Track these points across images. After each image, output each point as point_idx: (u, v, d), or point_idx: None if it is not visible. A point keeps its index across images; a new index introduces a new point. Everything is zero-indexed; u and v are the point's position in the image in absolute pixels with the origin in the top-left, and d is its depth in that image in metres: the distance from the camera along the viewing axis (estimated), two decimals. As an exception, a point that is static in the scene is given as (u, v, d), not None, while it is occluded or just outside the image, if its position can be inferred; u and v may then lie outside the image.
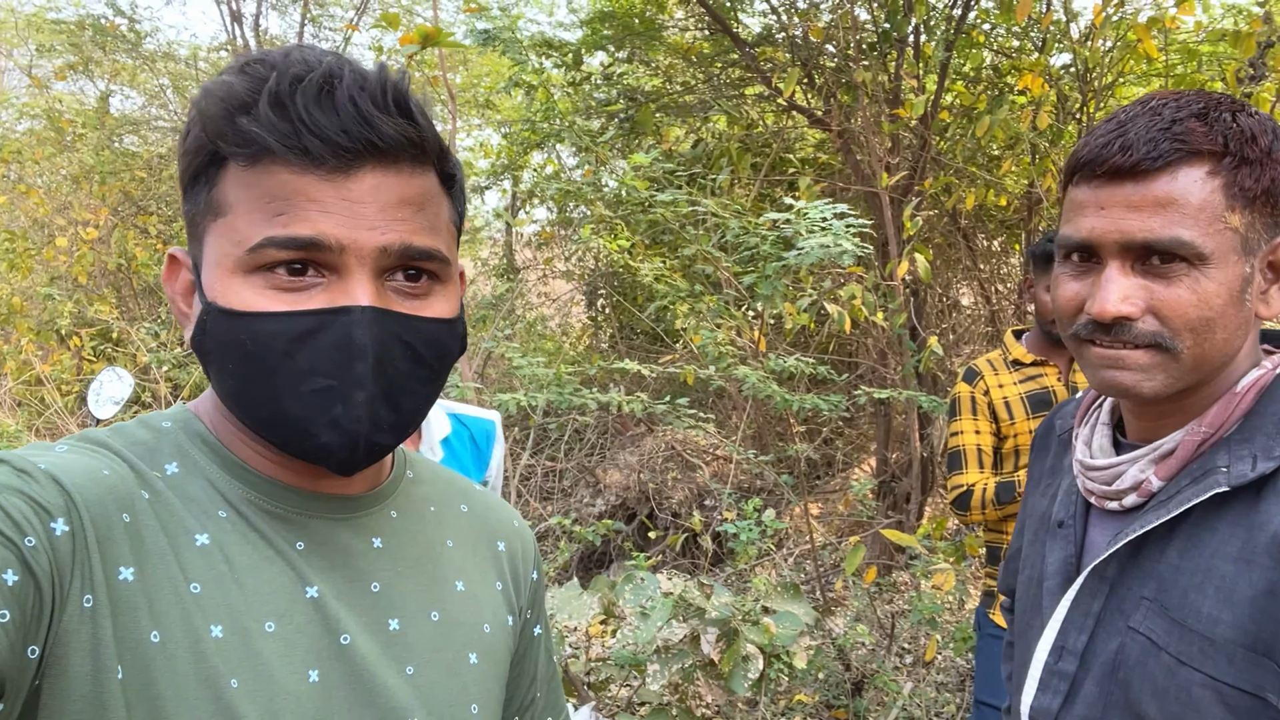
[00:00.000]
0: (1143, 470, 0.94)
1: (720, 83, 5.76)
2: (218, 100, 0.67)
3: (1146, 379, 0.88)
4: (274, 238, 0.66)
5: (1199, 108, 0.87)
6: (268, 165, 0.66)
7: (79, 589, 0.61)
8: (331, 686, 0.71)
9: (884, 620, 3.82)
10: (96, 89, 9.09)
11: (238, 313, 0.67)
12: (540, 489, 5.90)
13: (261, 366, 0.68)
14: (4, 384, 7.18)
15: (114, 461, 0.69)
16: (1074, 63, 4.72)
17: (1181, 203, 0.84)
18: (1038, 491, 1.14)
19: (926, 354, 3.72)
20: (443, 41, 2.52)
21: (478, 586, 0.86)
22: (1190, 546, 0.87)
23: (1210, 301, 0.85)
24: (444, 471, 0.93)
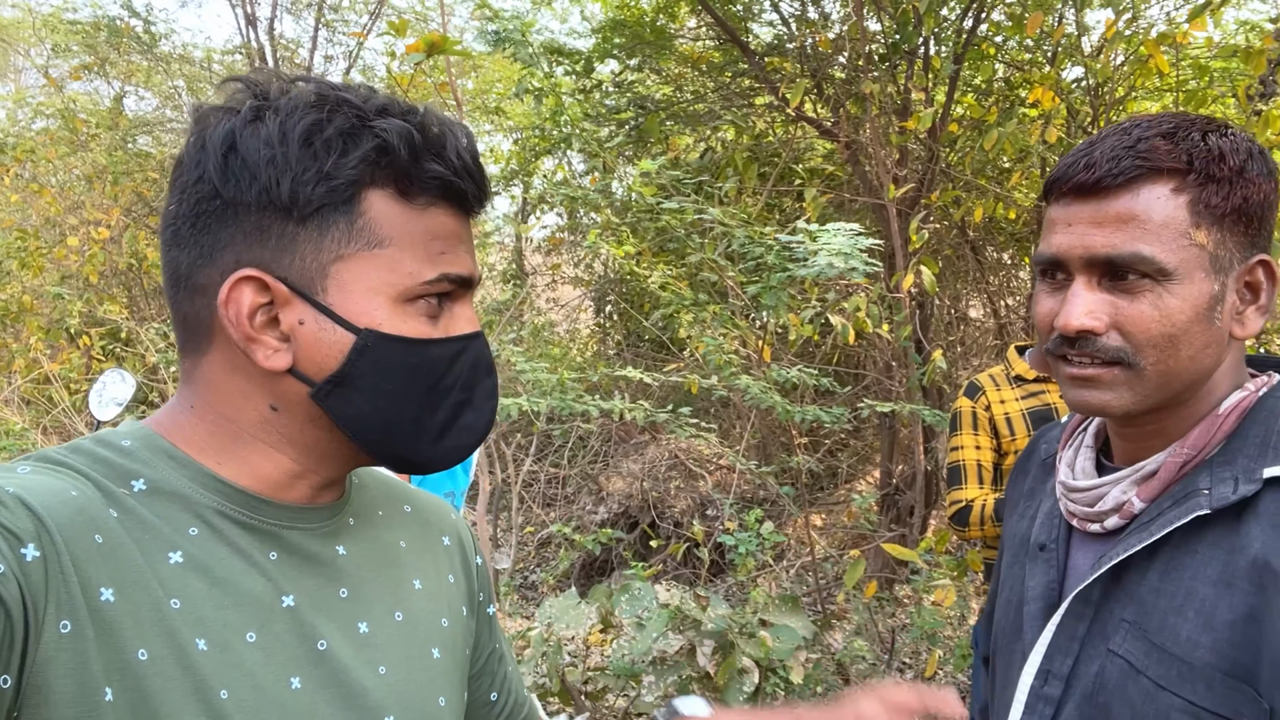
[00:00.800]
0: (1125, 491, 0.94)
1: (730, 92, 5.76)
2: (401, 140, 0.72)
3: (1115, 397, 0.89)
4: (449, 275, 0.75)
5: (1168, 128, 0.88)
6: (427, 206, 0.74)
7: (54, 615, 0.60)
8: (313, 691, 0.73)
9: (884, 635, 3.79)
10: (111, 90, 9.16)
11: (410, 339, 0.74)
12: (543, 495, 5.90)
13: (423, 385, 0.75)
14: (13, 382, 7.22)
15: (79, 481, 0.68)
16: (1085, 76, 4.70)
17: (1143, 219, 0.86)
18: (1015, 514, 1.14)
19: (931, 368, 3.70)
20: (448, 49, 2.53)
21: (433, 583, 0.90)
22: (1171, 569, 0.87)
23: (1173, 318, 0.86)
24: (380, 475, 0.96)
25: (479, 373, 0.79)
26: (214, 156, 0.70)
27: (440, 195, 0.74)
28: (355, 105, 0.72)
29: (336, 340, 0.72)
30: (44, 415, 6.92)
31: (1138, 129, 0.89)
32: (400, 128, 0.72)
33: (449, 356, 0.76)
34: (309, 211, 0.71)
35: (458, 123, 0.76)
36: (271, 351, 0.72)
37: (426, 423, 0.77)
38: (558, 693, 3.11)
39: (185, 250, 0.73)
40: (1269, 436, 0.88)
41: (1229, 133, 0.89)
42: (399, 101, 0.74)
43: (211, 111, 0.72)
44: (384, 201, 0.72)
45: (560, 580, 5.07)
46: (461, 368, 0.77)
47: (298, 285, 0.71)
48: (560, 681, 3.08)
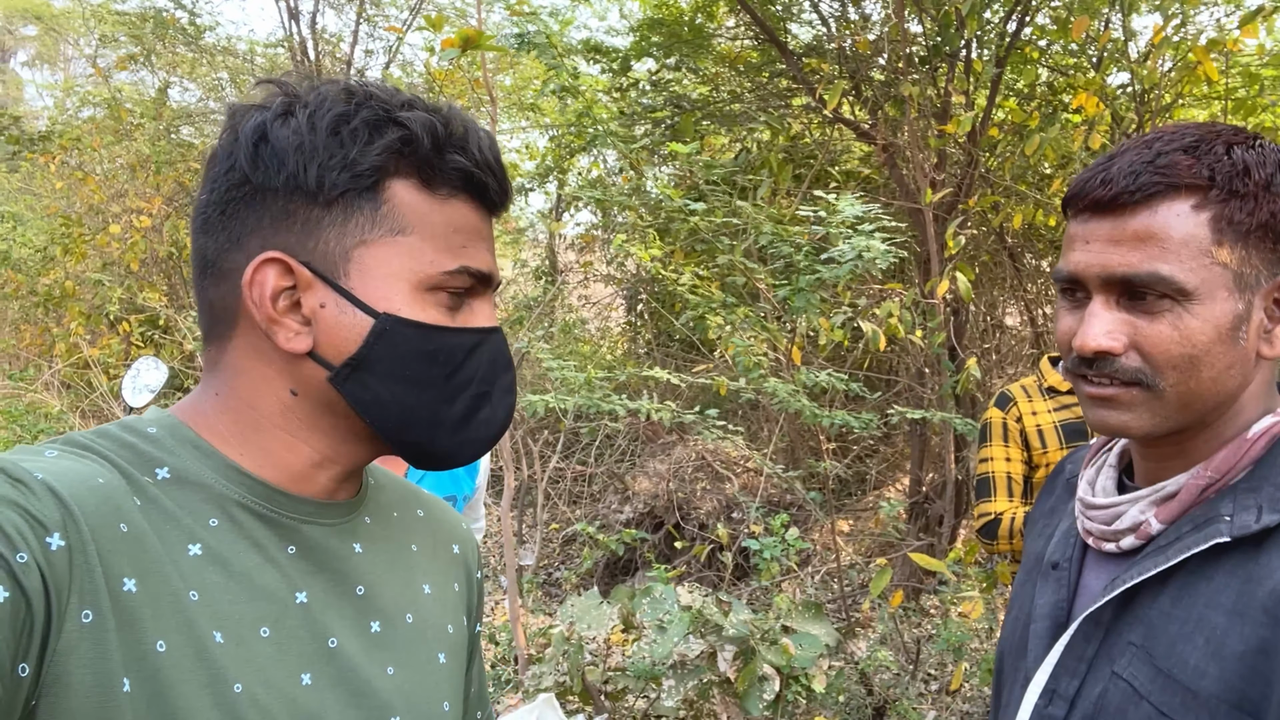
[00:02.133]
0: (1143, 511, 0.91)
1: (767, 92, 5.72)
2: (425, 130, 0.74)
3: (1134, 418, 0.87)
4: (469, 268, 0.76)
5: (1190, 140, 0.85)
6: (449, 197, 0.76)
7: (76, 604, 0.61)
8: (323, 688, 0.73)
9: (909, 645, 3.75)
10: (156, 80, 9.29)
11: (429, 325, 0.75)
12: (569, 493, 5.90)
13: (442, 373, 0.76)
14: (53, 365, 7.35)
15: (104, 468, 0.68)
16: (1131, 82, 4.61)
17: (1162, 237, 0.83)
18: (1034, 532, 1.12)
19: (965, 376, 3.65)
20: (483, 45, 2.52)
21: (441, 589, 0.90)
22: (1183, 594, 0.84)
23: (1193, 339, 0.83)
24: (396, 477, 0.96)
25: (497, 367, 0.80)
26: (245, 146, 0.73)
27: (462, 188, 0.76)
28: (381, 100, 0.74)
29: (356, 323, 0.73)
30: (82, 399, 7.04)
31: (1159, 142, 0.85)
32: (424, 119, 0.74)
33: (467, 347, 0.77)
34: (334, 196, 0.73)
35: (479, 125, 0.78)
36: (293, 334, 0.73)
37: (444, 413, 0.77)
38: (578, 692, 3.10)
39: (213, 237, 0.75)
40: None
41: (1257, 144, 0.85)
42: (424, 100, 0.76)
43: (245, 108, 0.76)
44: (407, 190, 0.74)
45: (584, 578, 5.07)
46: (480, 360, 0.78)
47: (320, 269, 0.73)
48: (581, 681, 3.07)
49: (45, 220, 8.83)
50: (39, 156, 8.02)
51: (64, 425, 5.78)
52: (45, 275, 8.03)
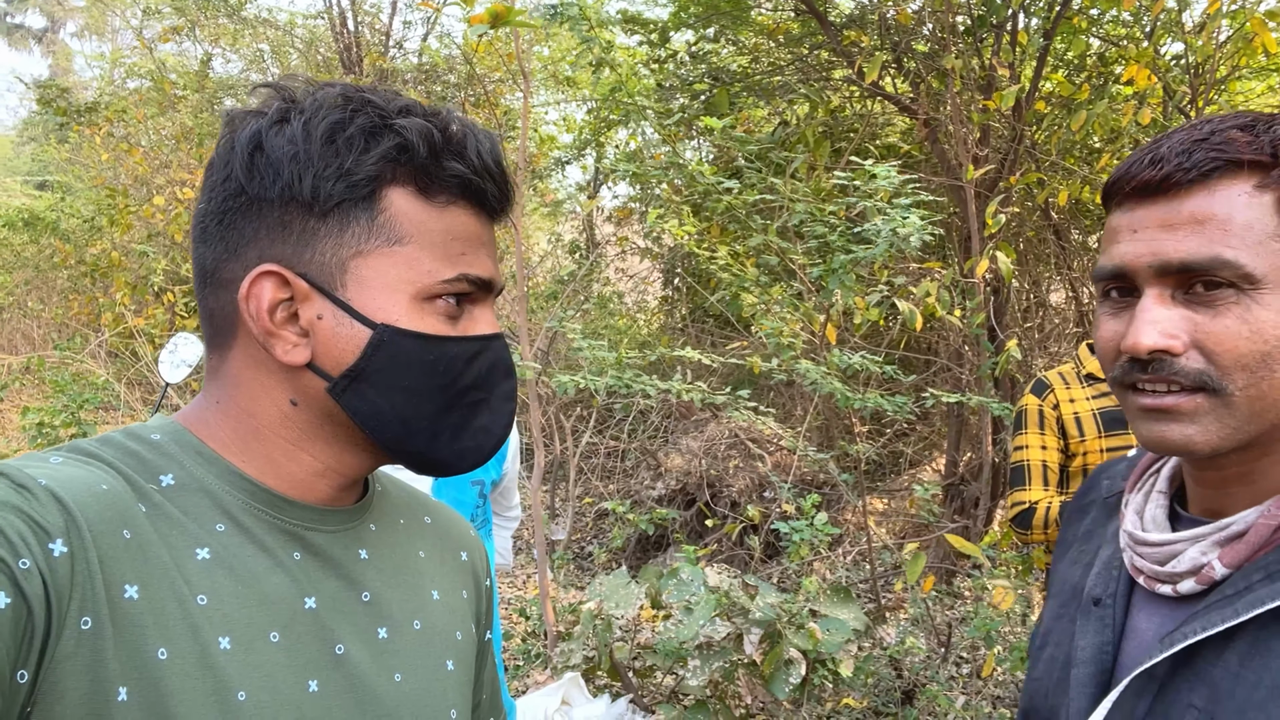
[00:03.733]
0: (1204, 552, 0.79)
1: (807, 65, 5.62)
2: (421, 138, 0.73)
3: (1199, 431, 0.75)
4: (468, 275, 0.75)
5: (1245, 120, 0.76)
6: (447, 205, 0.75)
7: (77, 611, 0.60)
8: (330, 695, 0.73)
9: (941, 628, 3.71)
10: (199, 52, 9.37)
11: (428, 335, 0.74)
12: (602, 468, 5.91)
13: (440, 382, 0.75)
14: (100, 335, 7.50)
15: (109, 474, 0.68)
16: (1185, 54, 4.45)
17: (1223, 218, 0.74)
18: (1067, 558, 1.00)
19: (1004, 358, 3.58)
20: (512, 20, 2.49)
21: (449, 595, 0.90)
22: (1254, 652, 0.73)
23: (1265, 333, 0.73)
24: (402, 483, 0.96)
25: (497, 374, 0.79)
26: (241, 155, 0.72)
27: (460, 195, 0.75)
28: (378, 106, 0.73)
29: (353, 335, 0.72)
30: (128, 368, 7.18)
31: (1209, 124, 0.77)
32: (421, 126, 0.73)
33: (466, 356, 0.76)
34: (329, 207, 0.72)
35: (481, 128, 0.77)
36: (291, 346, 0.73)
37: (443, 422, 0.76)
38: (606, 669, 3.12)
39: (211, 247, 0.75)
40: None
41: None
42: (422, 105, 0.76)
43: (241, 114, 0.74)
44: (404, 199, 0.73)
45: (615, 554, 5.09)
46: (479, 368, 0.77)
47: (317, 280, 0.72)
48: (609, 658, 3.08)
49: (92, 191, 8.98)
50: (85, 128, 8.15)
51: (109, 395, 5.90)
52: (92, 245, 8.18)
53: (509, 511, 2.36)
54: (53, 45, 23.72)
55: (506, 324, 5.98)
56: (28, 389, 7.48)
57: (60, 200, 9.23)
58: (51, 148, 11.55)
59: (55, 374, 5.60)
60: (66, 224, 8.47)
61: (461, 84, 8.09)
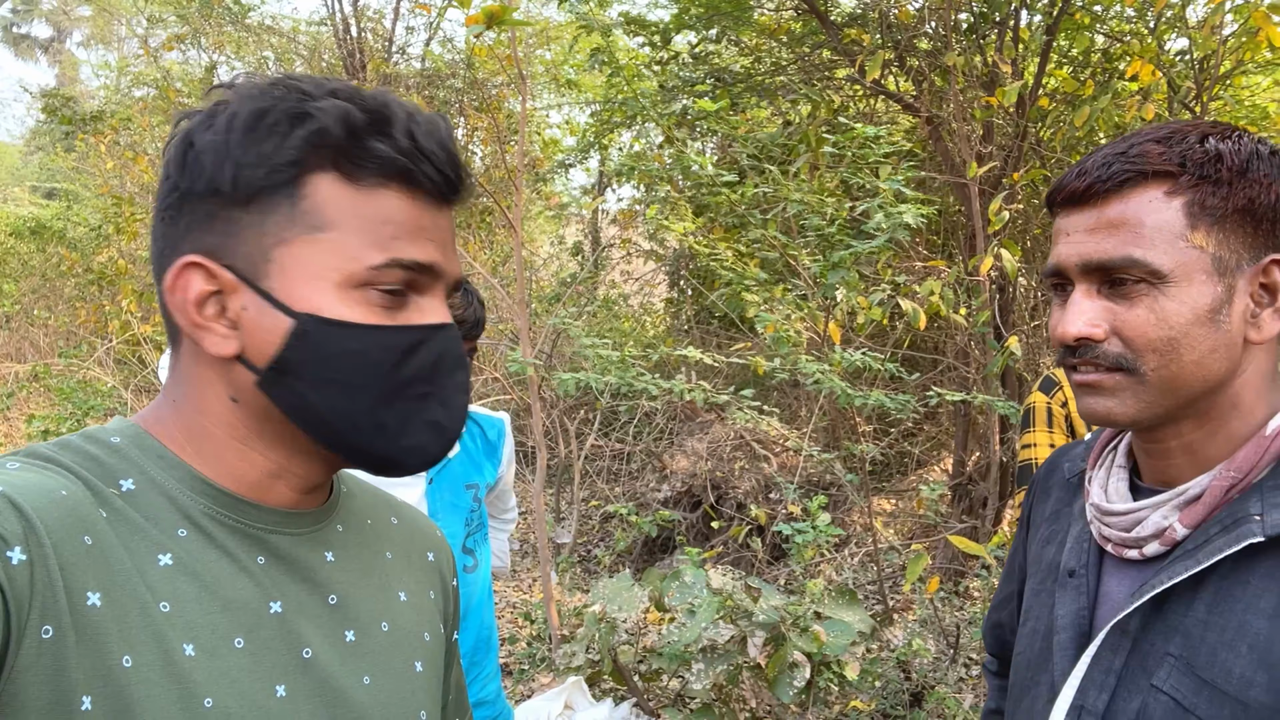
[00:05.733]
0: (1166, 516, 0.90)
1: (809, 64, 5.60)
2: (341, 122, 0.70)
3: (1118, 404, 0.87)
4: (400, 260, 0.72)
5: (1164, 133, 0.87)
6: (377, 188, 0.71)
7: (37, 620, 0.59)
8: (298, 700, 0.72)
9: (950, 629, 3.68)
10: (203, 60, 9.40)
11: (354, 325, 0.71)
12: (608, 470, 5.89)
13: (373, 375, 0.72)
14: (108, 342, 7.52)
15: (68, 479, 0.67)
16: (1189, 49, 4.42)
17: (1134, 222, 0.85)
18: (1038, 538, 1.10)
19: (1005, 356, 3.55)
20: (509, 21, 2.48)
21: (416, 596, 0.89)
22: (1219, 600, 0.83)
23: (1170, 320, 0.84)
24: (367, 484, 0.95)
25: (443, 367, 0.76)
26: (175, 152, 0.72)
27: (390, 177, 0.71)
28: (303, 91, 0.71)
29: (276, 325, 0.71)
30: (134, 375, 7.19)
31: (1135, 137, 0.88)
32: (338, 107, 0.70)
33: (403, 346, 0.73)
34: (250, 195, 0.70)
35: (427, 112, 0.75)
36: (219, 338, 0.72)
37: (382, 416, 0.73)
38: (610, 672, 3.10)
39: (157, 244, 0.74)
40: None
41: (1234, 135, 0.87)
42: (353, 88, 0.73)
43: (187, 114, 0.74)
44: (330, 185, 0.71)
45: (620, 556, 5.07)
46: (423, 360, 0.74)
47: (242, 271, 0.71)
48: (612, 661, 3.06)
49: (99, 199, 9.01)
50: (91, 136, 8.18)
51: (114, 402, 5.91)
52: (99, 253, 8.21)
53: (505, 514, 2.35)
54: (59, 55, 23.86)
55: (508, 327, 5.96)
56: (35, 396, 7.51)
57: (67, 209, 9.27)
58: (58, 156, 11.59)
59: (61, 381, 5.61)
60: (73, 232, 8.51)
61: (465, 89, 8.09)
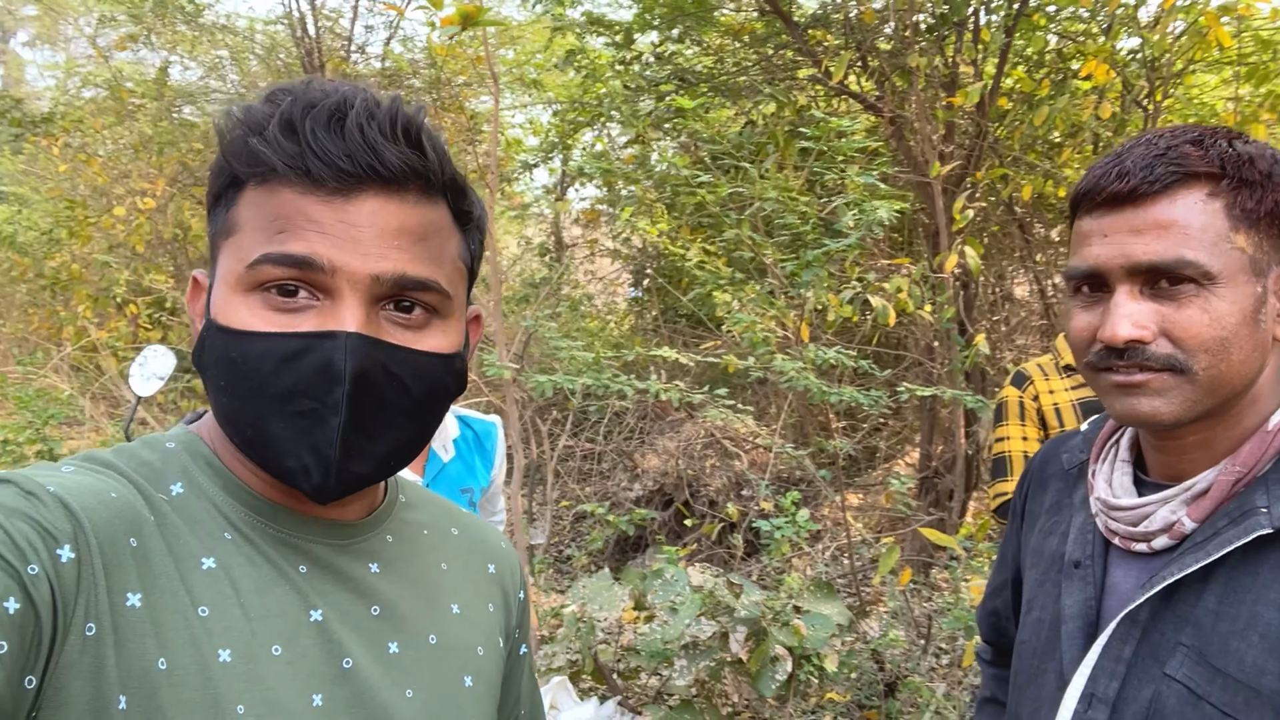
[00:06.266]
0: (1174, 511, 0.91)
1: (772, 64, 5.65)
2: (237, 123, 0.69)
3: (1165, 404, 0.87)
4: (269, 254, 0.67)
5: (1194, 135, 0.88)
6: (274, 186, 0.68)
7: (82, 617, 0.60)
8: (335, 711, 0.71)
9: (920, 620, 3.75)
10: (156, 60, 9.23)
11: (232, 330, 0.68)
12: (579, 471, 5.90)
13: (250, 385, 0.68)
14: (62, 349, 7.36)
15: (120, 483, 0.68)
16: (1141, 49, 4.54)
17: (1183, 223, 0.85)
18: (1037, 529, 1.12)
19: (973, 352, 3.62)
20: (483, 21, 2.49)
21: (471, 609, 0.87)
22: (1230, 591, 0.85)
23: (1223, 321, 0.85)
24: (434, 496, 0.94)
25: (324, 380, 0.67)
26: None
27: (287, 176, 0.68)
28: (269, 98, 0.70)
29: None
30: (92, 383, 7.05)
31: (1163, 139, 0.88)
32: (229, 111, 0.70)
33: (278, 355, 0.67)
34: (209, 209, 0.73)
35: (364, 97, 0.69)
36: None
37: (272, 430, 0.68)
38: (590, 671, 3.12)
39: None
40: None
41: (1254, 142, 0.89)
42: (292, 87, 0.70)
43: None
44: (252, 189, 0.70)
45: (594, 556, 5.08)
46: (302, 372, 0.67)
47: (211, 281, 0.73)
48: (593, 661, 3.08)
49: (50, 203, 8.81)
50: (42, 139, 7.99)
51: (75, 409, 5.80)
52: (51, 258, 8.02)
53: (494, 516, 2.36)
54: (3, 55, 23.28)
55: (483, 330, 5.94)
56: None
57: (16, 213, 9.04)
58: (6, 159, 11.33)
59: (18, 390, 5.49)
60: (24, 237, 8.30)
61: (426, 88, 8.04)
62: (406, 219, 0.70)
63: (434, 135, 0.72)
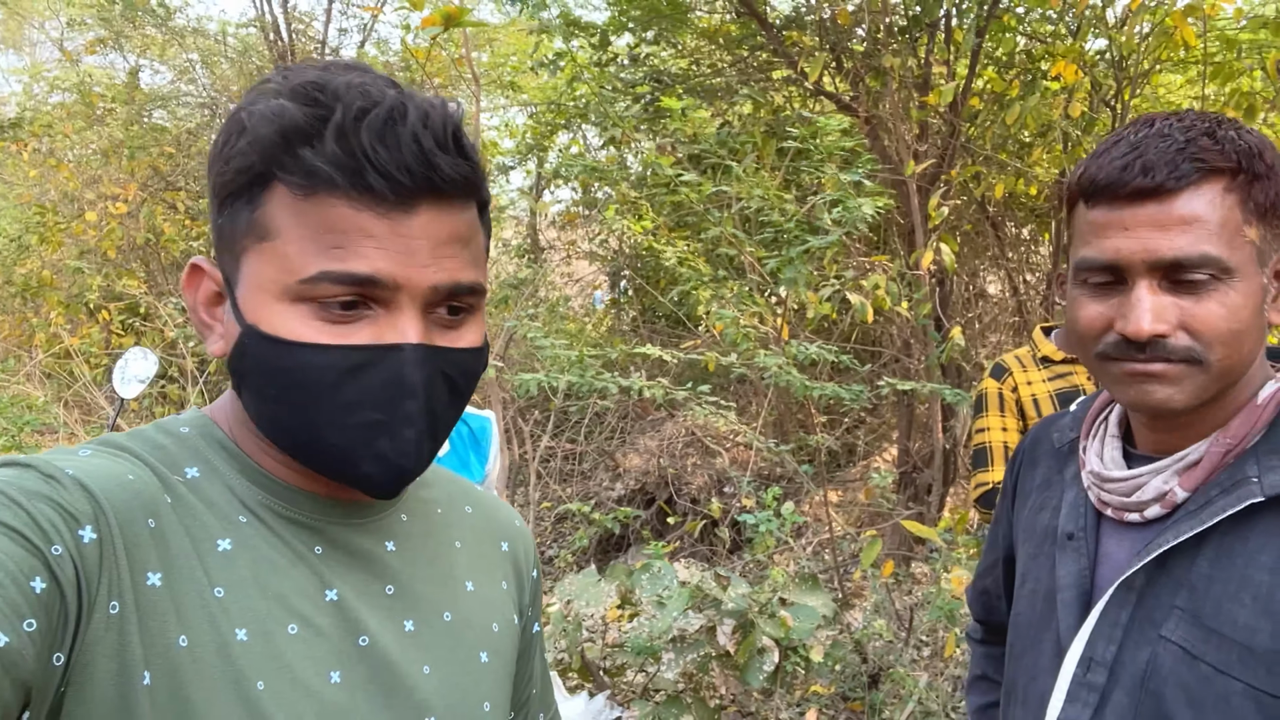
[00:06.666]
0: (1166, 481, 0.94)
1: (747, 66, 5.70)
2: (274, 126, 0.66)
3: (1178, 392, 0.89)
4: (330, 272, 0.66)
5: (1206, 126, 0.90)
6: (324, 197, 0.66)
7: (105, 596, 0.62)
8: (353, 687, 0.72)
9: (902, 612, 3.80)
10: (126, 63, 9.14)
11: (285, 341, 0.68)
12: (560, 471, 5.91)
13: (307, 395, 0.68)
14: (34, 356, 7.27)
15: (137, 466, 0.69)
16: (1109, 49, 4.63)
17: (1205, 219, 0.87)
18: (1029, 506, 1.14)
19: (949, 346, 3.68)
20: (465, 21, 2.50)
21: (486, 587, 0.88)
22: (1221, 556, 0.89)
23: (1239, 314, 0.87)
24: (447, 474, 0.95)
25: (395, 393, 0.69)
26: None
27: (333, 184, 0.66)
28: (276, 88, 0.68)
29: (233, 333, 0.71)
30: (65, 389, 6.97)
31: (1176, 130, 0.89)
32: (271, 109, 0.66)
33: (341, 367, 0.67)
34: (222, 199, 0.70)
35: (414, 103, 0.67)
36: (217, 337, 0.73)
37: (330, 439, 0.70)
38: (577, 669, 3.14)
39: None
40: None
41: (1253, 131, 0.91)
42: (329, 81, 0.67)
43: None
44: (282, 192, 0.67)
45: (577, 556, 5.10)
46: (368, 384, 0.68)
47: (227, 275, 0.72)
48: (580, 658, 3.10)
49: (19, 209, 8.70)
50: (10, 144, 7.89)
51: (49, 416, 5.74)
52: (21, 265, 7.92)
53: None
54: (-35, 60, 22.87)
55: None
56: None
57: (-16, 219, 8.92)
58: (-29, 165, 11.17)
59: (-9, 397, 5.43)
60: (-9, 243, 8.20)
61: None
62: (456, 227, 0.71)
63: (468, 136, 0.72)
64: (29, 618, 0.56)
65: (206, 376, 6.20)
